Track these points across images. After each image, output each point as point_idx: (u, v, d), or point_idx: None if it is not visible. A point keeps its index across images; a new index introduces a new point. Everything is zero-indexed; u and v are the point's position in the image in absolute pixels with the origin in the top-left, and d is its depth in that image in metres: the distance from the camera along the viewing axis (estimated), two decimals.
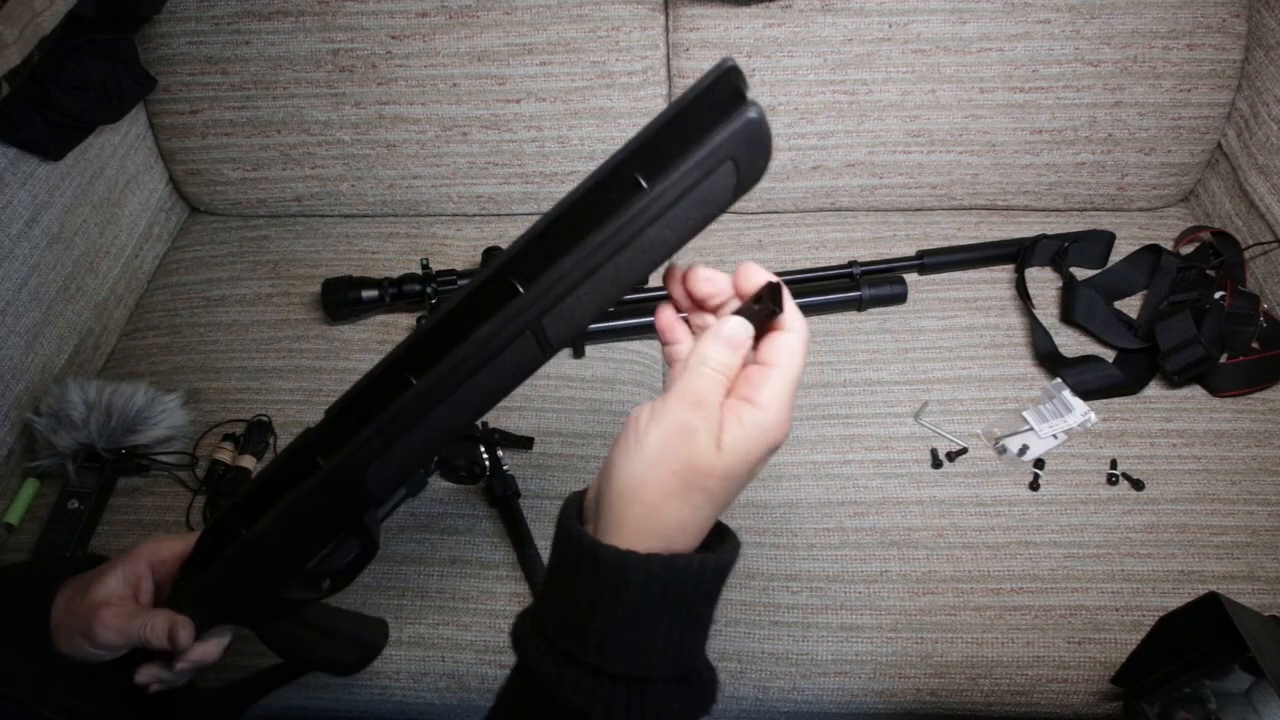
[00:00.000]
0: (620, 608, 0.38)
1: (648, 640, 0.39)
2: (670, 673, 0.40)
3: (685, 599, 0.39)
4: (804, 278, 1.16)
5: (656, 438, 0.40)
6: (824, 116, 1.19)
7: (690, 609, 0.40)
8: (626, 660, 0.39)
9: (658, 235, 0.38)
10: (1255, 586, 0.90)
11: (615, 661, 0.39)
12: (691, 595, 0.39)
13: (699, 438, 0.39)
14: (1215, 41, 1.14)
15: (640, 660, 0.39)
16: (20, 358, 1.02)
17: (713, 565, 0.40)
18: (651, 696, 0.39)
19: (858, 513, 0.97)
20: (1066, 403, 1.03)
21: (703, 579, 0.39)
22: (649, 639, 0.39)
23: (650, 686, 0.39)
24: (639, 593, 0.38)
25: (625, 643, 0.39)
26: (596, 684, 0.39)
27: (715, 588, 0.41)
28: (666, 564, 0.38)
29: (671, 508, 0.39)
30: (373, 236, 1.27)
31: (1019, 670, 0.87)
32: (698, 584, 0.39)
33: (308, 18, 1.16)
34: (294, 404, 1.07)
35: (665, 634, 0.39)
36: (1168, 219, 1.27)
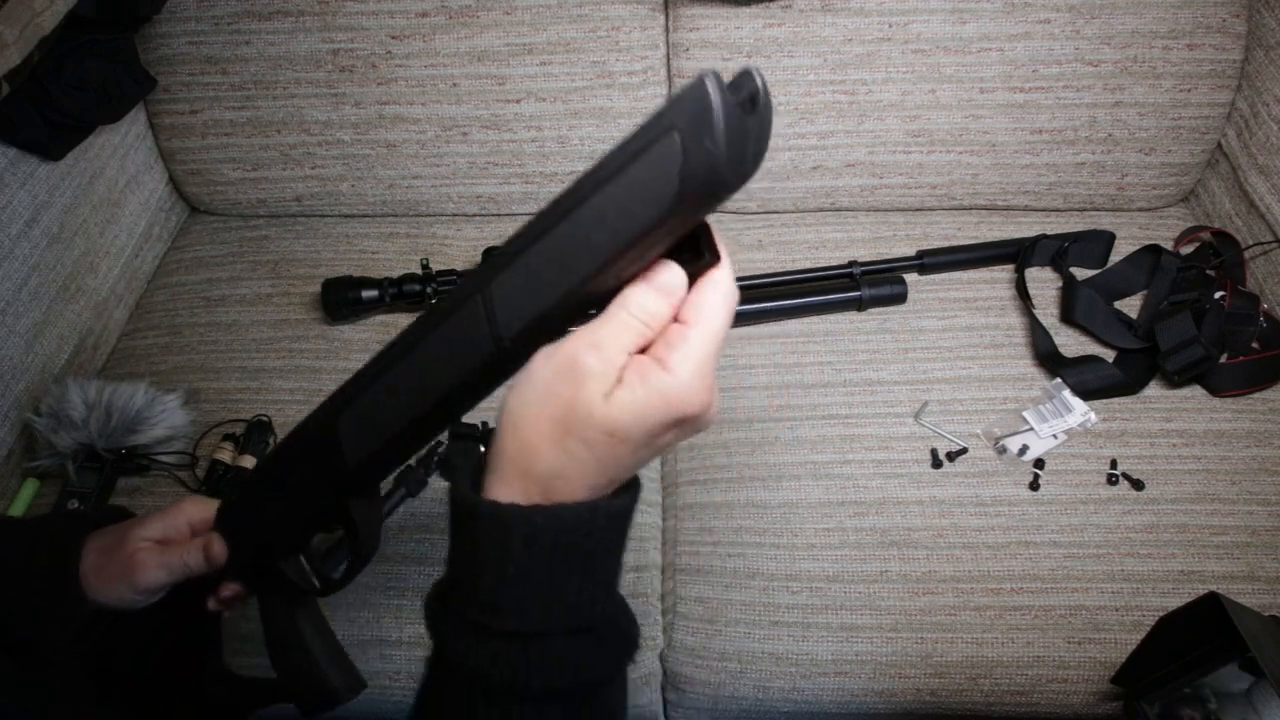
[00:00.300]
0: (508, 564, 0.36)
1: (540, 595, 0.37)
2: (571, 625, 0.38)
3: (578, 550, 0.37)
4: (804, 278, 1.16)
5: (546, 374, 0.37)
6: (824, 116, 1.19)
7: (585, 560, 0.38)
8: (519, 616, 0.37)
9: (601, 204, 0.35)
10: (1255, 586, 0.90)
11: (507, 619, 0.37)
12: (585, 545, 0.37)
13: (588, 384, 0.36)
14: (1215, 41, 1.14)
15: (534, 616, 0.37)
16: (20, 358, 1.02)
17: (604, 512, 0.37)
18: (552, 651, 0.38)
19: (858, 513, 0.97)
20: (1066, 403, 1.03)
21: (594, 528, 0.37)
22: (542, 593, 0.37)
23: (550, 641, 0.37)
24: (525, 547, 0.36)
25: (517, 599, 0.37)
26: (492, 644, 0.37)
27: (612, 536, 0.39)
28: (551, 515, 0.36)
29: (547, 450, 0.37)
30: (373, 236, 1.27)
31: (1019, 670, 0.87)
32: (589, 533, 0.37)
33: (308, 18, 1.16)
34: (294, 404, 1.07)
35: (560, 587, 0.37)
36: (1168, 219, 1.27)
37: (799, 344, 1.12)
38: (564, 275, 0.36)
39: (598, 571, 0.39)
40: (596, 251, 0.35)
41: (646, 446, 0.37)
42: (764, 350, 1.12)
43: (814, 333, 1.13)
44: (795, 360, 1.10)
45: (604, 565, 0.39)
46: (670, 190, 0.34)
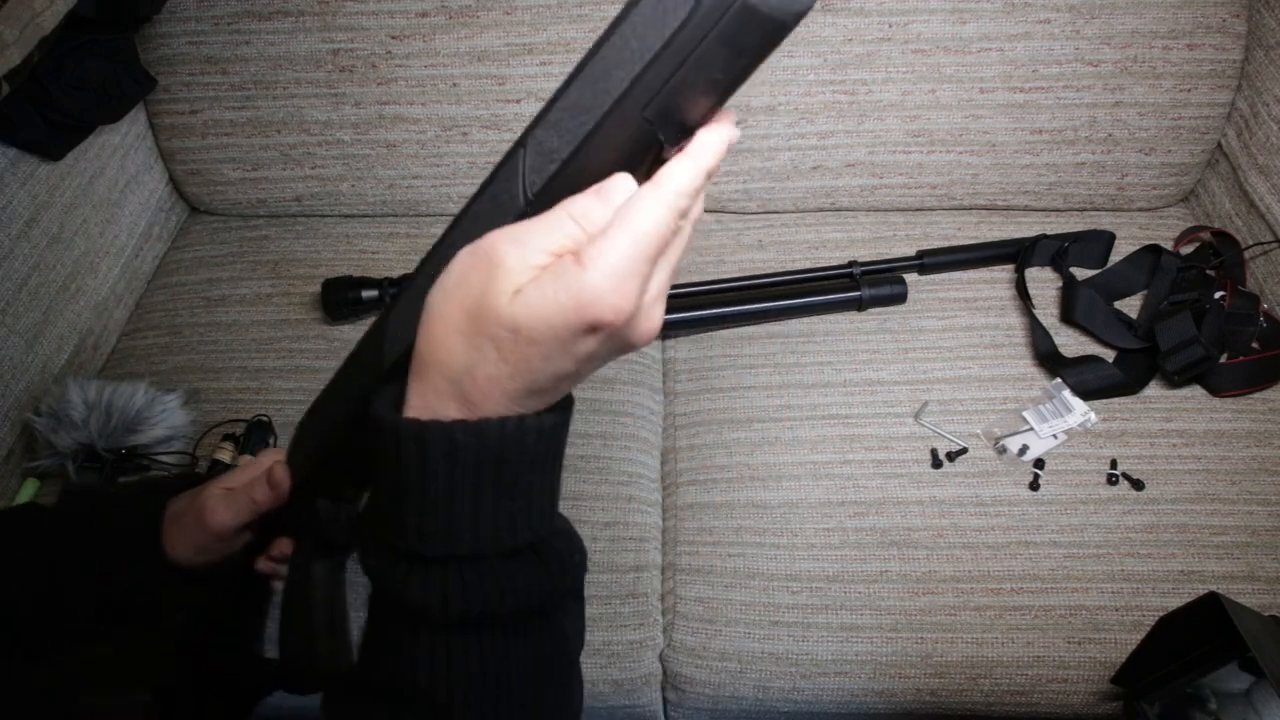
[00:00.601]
0: (430, 484, 0.34)
1: (466, 516, 0.35)
2: (506, 546, 0.36)
3: (506, 468, 0.35)
4: (804, 278, 1.16)
5: (463, 264, 0.34)
6: (824, 116, 1.19)
7: (514, 478, 0.35)
8: (448, 540, 0.35)
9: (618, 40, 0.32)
10: (1255, 586, 0.90)
11: (435, 544, 0.35)
12: (512, 463, 0.35)
13: (498, 277, 0.33)
14: (1215, 41, 1.14)
15: (464, 539, 0.35)
16: (20, 358, 1.02)
17: (533, 428, 0.35)
18: (488, 573, 0.35)
19: (858, 513, 0.97)
20: (1066, 403, 1.03)
21: (523, 444, 0.35)
22: (467, 514, 0.35)
23: (484, 564, 0.35)
24: (446, 465, 0.34)
25: (443, 522, 0.35)
26: (424, 571, 0.35)
27: (543, 454, 0.36)
28: (473, 431, 0.34)
29: (456, 345, 0.34)
30: (373, 236, 1.27)
31: (1019, 670, 0.88)
32: (518, 450, 0.35)
33: (308, 18, 1.16)
34: (294, 404, 1.07)
35: (488, 508, 0.35)
36: (1168, 219, 1.27)
37: (799, 344, 1.12)
38: (581, 124, 0.33)
39: (529, 491, 0.36)
40: (609, 91, 0.32)
41: (562, 354, 0.33)
42: (764, 350, 1.12)
43: (814, 333, 1.13)
44: (795, 360, 1.10)
45: (536, 484, 0.36)
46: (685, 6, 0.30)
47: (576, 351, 0.34)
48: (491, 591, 0.35)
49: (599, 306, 0.32)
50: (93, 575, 0.61)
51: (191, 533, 0.61)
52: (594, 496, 0.99)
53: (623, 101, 0.32)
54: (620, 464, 1.02)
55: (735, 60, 0.31)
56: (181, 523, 0.61)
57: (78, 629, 0.63)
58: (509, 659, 0.37)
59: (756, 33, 0.30)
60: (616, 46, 0.32)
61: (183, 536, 0.61)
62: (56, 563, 0.62)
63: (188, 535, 0.61)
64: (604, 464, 1.02)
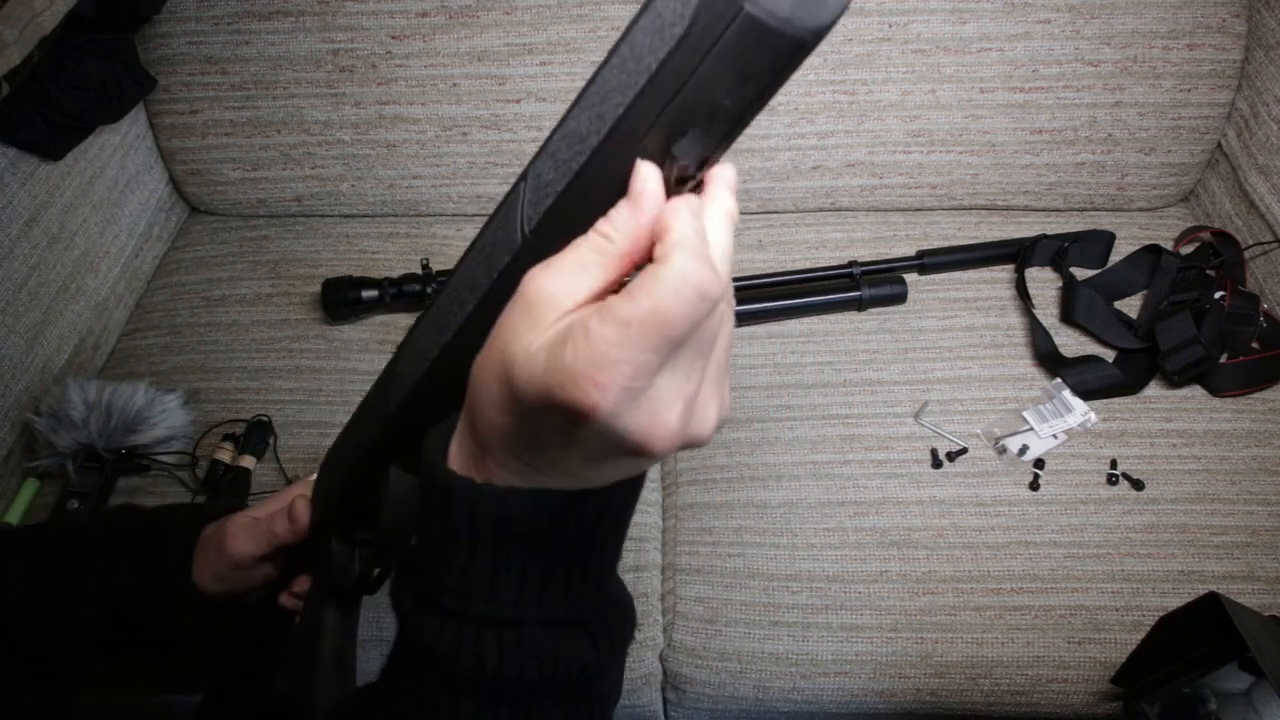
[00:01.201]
0: (479, 546, 0.33)
1: (513, 582, 0.33)
2: (552, 616, 0.34)
3: (561, 542, 0.33)
4: (804, 278, 1.16)
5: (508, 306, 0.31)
6: (824, 116, 1.19)
7: (572, 553, 0.33)
8: (488, 603, 0.33)
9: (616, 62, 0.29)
10: (1255, 586, 0.90)
11: (475, 604, 0.33)
12: (569, 538, 0.33)
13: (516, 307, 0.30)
14: (1215, 41, 1.14)
15: (506, 603, 0.33)
16: (20, 358, 1.02)
17: (592, 507, 0.32)
18: (529, 640, 0.33)
19: (858, 513, 0.97)
20: (1066, 403, 1.03)
21: (580, 520, 0.32)
22: (514, 580, 0.33)
23: (525, 629, 0.33)
24: (495, 533, 0.32)
25: (486, 585, 0.33)
26: (459, 627, 0.33)
27: (602, 529, 0.34)
28: (528, 502, 0.32)
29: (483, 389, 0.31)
30: (373, 236, 1.27)
31: (1019, 670, 0.88)
32: (576, 526, 0.33)
33: (308, 18, 1.16)
34: (294, 404, 1.07)
35: (538, 577, 0.33)
36: (1168, 219, 1.27)
37: (799, 344, 1.12)
38: (577, 154, 0.30)
39: (584, 566, 0.34)
40: (604, 117, 0.29)
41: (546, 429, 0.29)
42: (764, 350, 1.12)
43: (814, 333, 1.13)
44: (795, 360, 1.10)
45: (593, 560, 0.34)
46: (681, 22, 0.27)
47: (560, 432, 0.29)
48: (530, 658, 0.33)
49: (566, 387, 0.27)
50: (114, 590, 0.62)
51: (212, 560, 0.61)
52: None
53: (617, 129, 0.29)
54: None
55: (742, 84, 0.27)
56: (205, 549, 0.61)
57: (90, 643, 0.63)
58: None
59: (765, 51, 0.27)
60: (615, 68, 0.29)
61: (204, 563, 0.61)
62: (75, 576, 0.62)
63: (209, 562, 0.61)
64: None
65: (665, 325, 0.27)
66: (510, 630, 0.33)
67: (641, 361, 0.27)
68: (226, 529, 0.61)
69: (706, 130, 0.29)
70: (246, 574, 0.62)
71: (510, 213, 0.34)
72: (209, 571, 0.61)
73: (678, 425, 0.29)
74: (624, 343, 0.27)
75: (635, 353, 0.27)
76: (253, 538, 0.60)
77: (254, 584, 0.63)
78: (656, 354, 0.27)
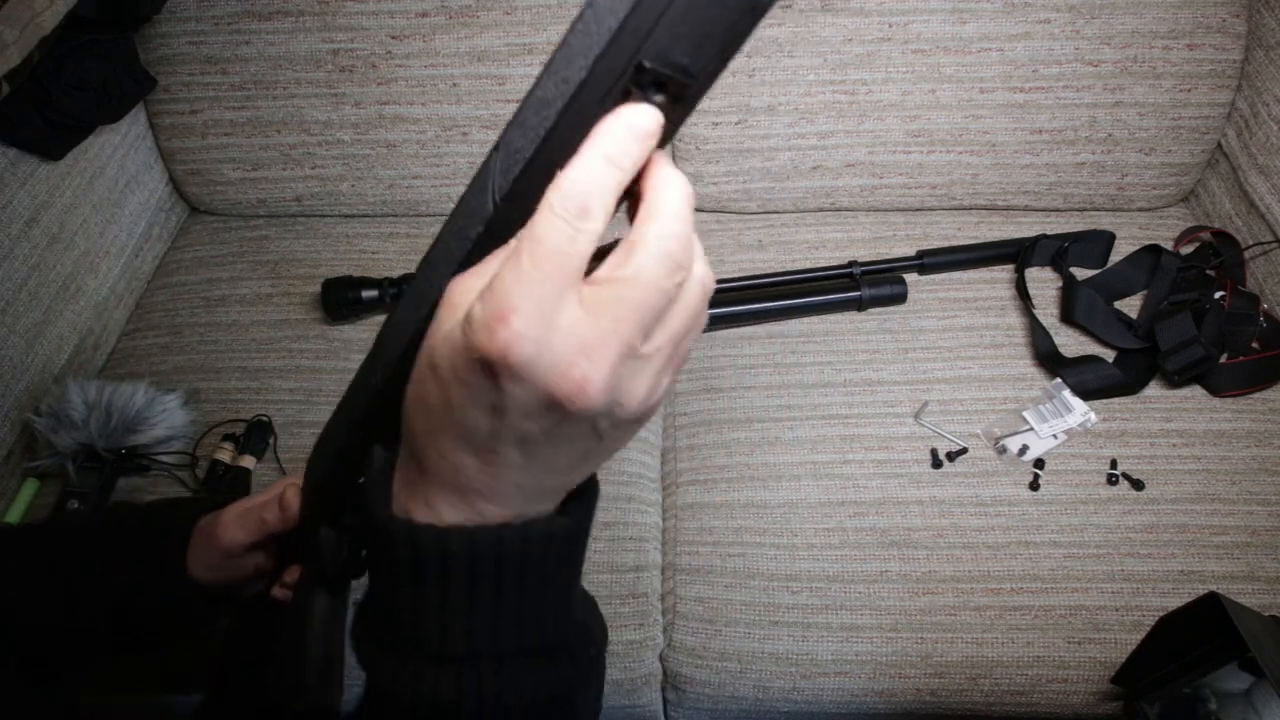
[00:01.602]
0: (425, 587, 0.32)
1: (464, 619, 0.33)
2: (508, 648, 0.34)
3: (510, 573, 0.32)
4: (804, 278, 1.16)
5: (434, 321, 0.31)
6: (824, 116, 1.19)
7: (520, 583, 0.33)
8: (441, 641, 0.33)
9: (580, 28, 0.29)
10: (1255, 586, 0.90)
11: (430, 643, 0.33)
12: (517, 569, 0.32)
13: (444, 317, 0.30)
14: (1215, 41, 1.14)
15: (457, 639, 0.33)
16: (20, 358, 1.02)
17: (538, 536, 0.32)
18: (488, 675, 0.33)
19: (858, 513, 0.97)
20: (1066, 403, 1.03)
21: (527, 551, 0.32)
22: (465, 617, 0.33)
23: (483, 664, 0.33)
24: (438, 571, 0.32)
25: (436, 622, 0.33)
26: (416, 668, 0.33)
27: (553, 556, 0.33)
28: (464, 538, 0.31)
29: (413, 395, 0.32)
30: (373, 236, 1.27)
31: (1019, 670, 0.88)
32: (522, 558, 0.32)
33: (308, 18, 1.16)
34: (294, 404, 1.07)
35: (489, 611, 0.33)
36: (1168, 219, 1.27)
37: (799, 344, 1.12)
38: (543, 118, 0.30)
39: (532, 594, 0.33)
40: (569, 80, 0.29)
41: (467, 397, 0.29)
42: (764, 350, 1.12)
43: (814, 333, 1.13)
44: (795, 360, 1.10)
45: (541, 588, 0.34)
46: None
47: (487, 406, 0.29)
48: (489, 693, 0.33)
49: (480, 337, 0.27)
50: (114, 588, 0.62)
51: (205, 549, 0.62)
52: None
53: (581, 92, 0.29)
54: (620, 464, 1.02)
55: (702, 44, 0.28)
56: (199, 539, 0.62)
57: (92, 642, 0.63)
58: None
59: (720, 11, 0.27)
60: (579, 33, 0.29)
61: (198, 553, 0.62)
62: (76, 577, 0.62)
63: (201, 552, 0.62)
64: (604, 464, 1.01)
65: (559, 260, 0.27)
66: (468, 667, 0.33)
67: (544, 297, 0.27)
68: (219, 519, 0.61)
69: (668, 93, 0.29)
70: (238, 563, 0.62)
71: (483, 183, 0.34)
72: (202, 562, 0.62)
73: (607, 370, 0.28)
74: (520, 278, 0.27)
75: (534, 286, 0.27)
76: (244, 527, 0.61)
77: (246, 574, 0.63)
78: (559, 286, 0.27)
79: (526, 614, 0.33)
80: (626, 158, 0.28)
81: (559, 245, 0.27)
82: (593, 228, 0.28)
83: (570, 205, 0.28)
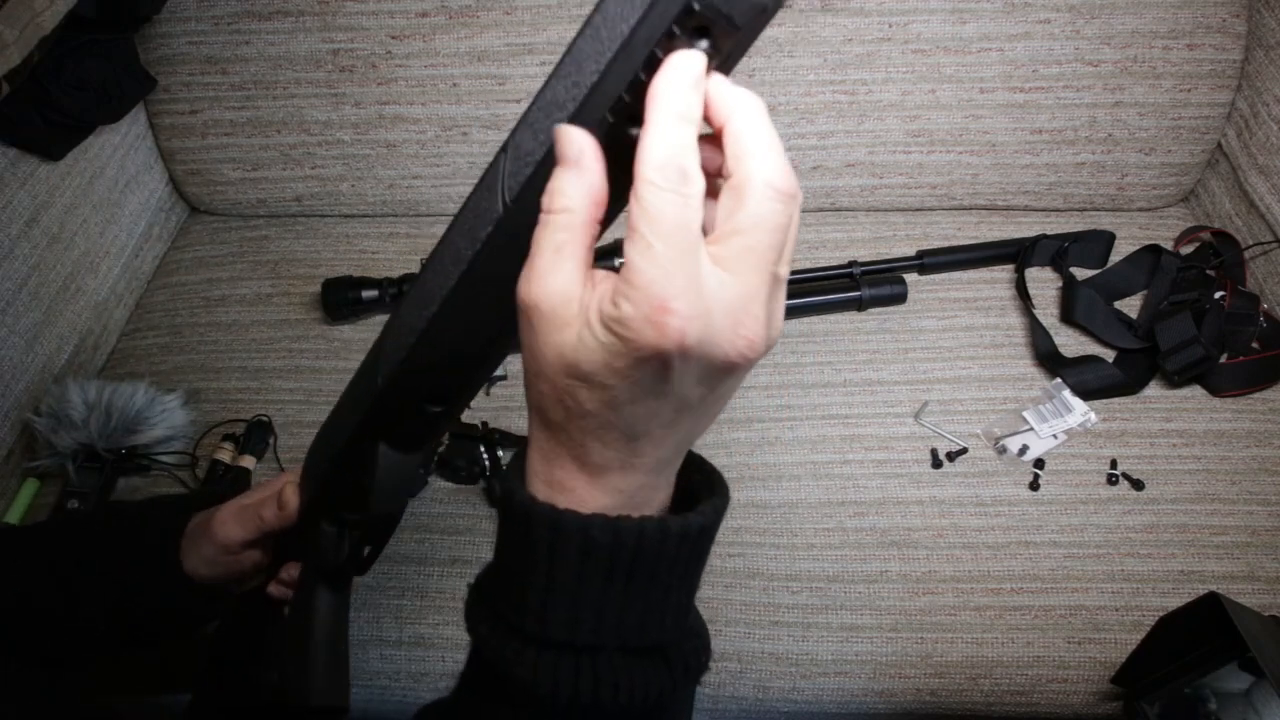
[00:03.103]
0: (560, 573, 0.32)
1: (593, 608, 0.33)
2: (630, 643, 0.34)
3: (642, 569, 0.32)
4: (804, 278, 1.16)
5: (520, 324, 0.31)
6: (824, 116, 1.19)
7: (651, 579, 0.33)
8: (569, 629, 0.33)
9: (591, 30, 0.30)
10: (1255, 586, 0.90)
11: (556, 630, 0.33)
12: (650, 565, 0.32)
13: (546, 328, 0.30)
14: (1215, 41, 1.14)
15: (586, 630, 0.33)
16: (20, 358, 1.02)
17: (675, 532, 0.32)
18: (605, 666, 0.33)
19: (858, 513, 0.97)
20: (1066, 403, 1.03)
21: (662, 547, 0.32)
22: (594, 607, 0.33)
23: (602, 656, 0.33)
24: (578, 559, 0.32)
25: (567, 611, 0.33)
26: (539, 653, 0.33)
27: (685, 556, 0.33)
28: (610, 528, 0.32)
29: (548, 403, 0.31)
30: (373, 236, 1.27)
31: (1019, 670, 0.87)
32: (657, 553, 0.32)
33: (308, 18, 1.16)
34: (294, 404, 1.07)
35: (619, 604, 0.33)
36: (1168, 219, 1.27)
37: (799, 344, 1.12)
38: (554, 121, 0.31)
39: (664, 593, 0.34)
40: (580, 84, 0.30)
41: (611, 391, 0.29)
42: None
43: (814, 333, 1.13)
44: (795, 360, 1.10)
45: (674, 587, 0.34)
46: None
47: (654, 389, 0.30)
48: (605, 686, 0.33)
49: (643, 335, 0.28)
50: (112, 586, 0.62)
51: (200, 545, 0.62)
52: None
53: (593, 94, 0.30)
54: None
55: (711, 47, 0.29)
56: (194, 536, 0.62)
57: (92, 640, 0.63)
58: None
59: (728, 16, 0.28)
60: (588, 37, 0.30)
61: (193, 549, 0.62)
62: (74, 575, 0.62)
63: (197, 548, 0.62)
64: None
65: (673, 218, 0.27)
66: (587, 657, 0.33)
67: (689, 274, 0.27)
68: (215, 515, 0.61)
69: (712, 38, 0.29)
70: (235, 559, 0.62)
71: (491, 184, 0.34)
72: (198, 557, 0.62)
73: (764, 317, 0.29)
74: (660, 263, 0.27)
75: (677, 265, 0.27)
76: (241, 523, 0.61)
77: (243, 570, 0.63)
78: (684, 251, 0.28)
79: (653, 611, 0.34)
80: (694, 109, 0.28)
81: (679, 217, 0.27)
82: (698, 189, 0.28)
83: (670, 174, 0.28)
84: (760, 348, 0.30)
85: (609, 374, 0.29)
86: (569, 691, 0.33)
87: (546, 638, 0.33)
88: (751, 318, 0.29)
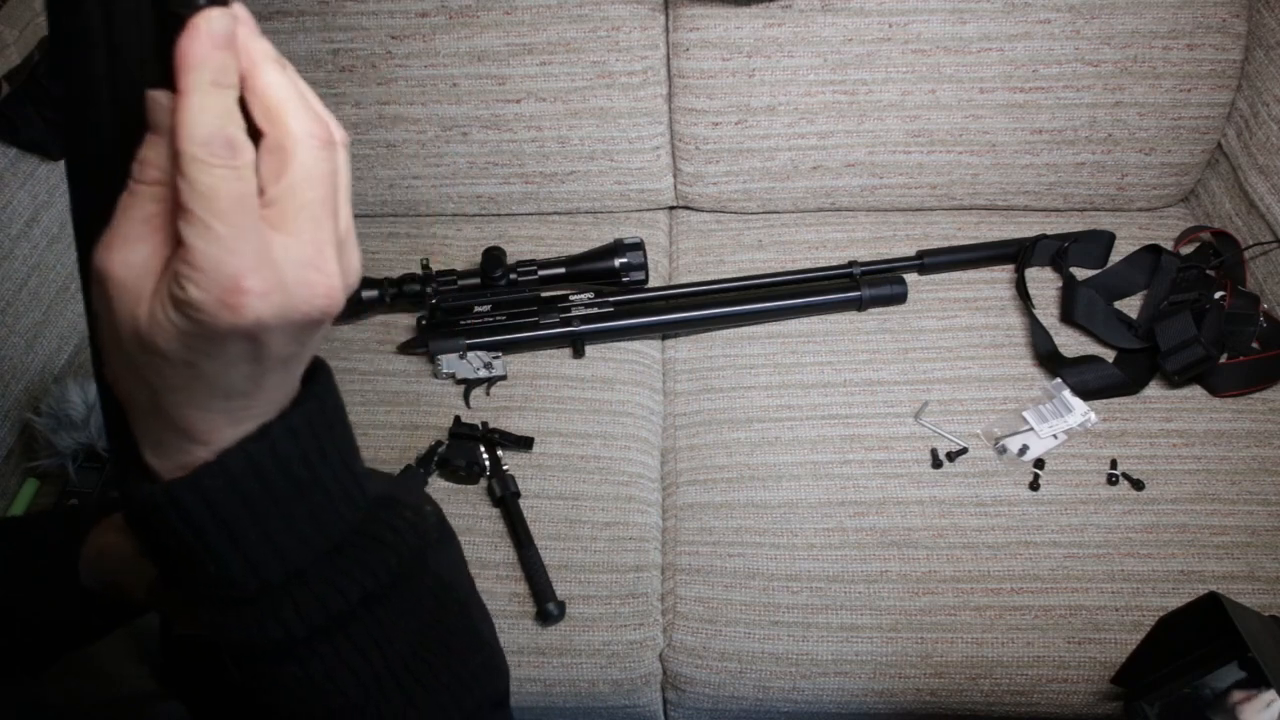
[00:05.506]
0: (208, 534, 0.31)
1: (259, 545, 0.32)
2: (323, 547, 0.34)
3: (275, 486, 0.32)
4: (804, 278, 1.16)
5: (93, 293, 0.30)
6: (824, 116, 1.19)
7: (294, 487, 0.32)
8: (255, 573, 0.32)
9: None
10: (1255, 586, 0.90)
11: (248, 580, 0.32)
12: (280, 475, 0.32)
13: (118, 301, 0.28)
14: (1215, 41, 1.14)
15: (273, 566, 0.33)
16: (20, 358, 1.02)
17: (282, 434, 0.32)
18: (317, 581, 0.33)
19: (858, 513, 0.97)
20: (1066, 403, 1.03)
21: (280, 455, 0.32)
22: (260, 543, 0.32)
23: (308, 574, 0.33)
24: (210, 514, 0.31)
25: (239, 561, 0.32)
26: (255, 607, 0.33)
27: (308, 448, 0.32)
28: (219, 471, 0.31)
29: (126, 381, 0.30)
30: (373, 236, 1.27)
31: (1019, 670, 0.88)
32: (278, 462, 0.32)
33: (308, 18, 1.16)
34: None
35: (281, 525, 0.32)
36: (1168, 219, 1.27)
37: (799, 344, 1.12)
38: None
39: (313, 492, 0.33)
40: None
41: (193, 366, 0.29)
42: (764, 350, 1.12)
43: (814, 333, 1.13)
44: (795, 360, 1.10)
45: (323, 478, 0.33)
46: None
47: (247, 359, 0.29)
48: (331, 594, 0.33)
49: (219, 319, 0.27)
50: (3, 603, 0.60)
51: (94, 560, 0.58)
52: (594, 496, 0.99)
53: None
54: (620, 464, 1.02)
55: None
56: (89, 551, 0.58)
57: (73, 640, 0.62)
58: (385, 637, 0.35)
59: None
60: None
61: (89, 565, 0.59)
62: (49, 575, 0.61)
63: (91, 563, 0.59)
64: (604, 464, 1.02)
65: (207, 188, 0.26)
66: (297, 584, 0.33)
67: (256, 248, 0.27)
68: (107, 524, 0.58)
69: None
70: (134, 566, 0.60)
71: None
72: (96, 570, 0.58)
73: (335, 267, 0.29)
74: (223, 243, 0.26)
75: (241, 242, 0.27)
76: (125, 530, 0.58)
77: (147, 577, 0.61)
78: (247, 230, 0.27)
79: (320, 509, 0.33)
80: (228, 72, 0.27)
81: (235, 192, 0.26)
82: (249, 158, 0.27)
83: (218, 148, 0.26)
84: (340, 296, 0.30)
85: (189, 352, 0.28)
86: (299, 622, 0.33)
87: (247, 593, 0.33)
88: (324, 275, 0.29)
